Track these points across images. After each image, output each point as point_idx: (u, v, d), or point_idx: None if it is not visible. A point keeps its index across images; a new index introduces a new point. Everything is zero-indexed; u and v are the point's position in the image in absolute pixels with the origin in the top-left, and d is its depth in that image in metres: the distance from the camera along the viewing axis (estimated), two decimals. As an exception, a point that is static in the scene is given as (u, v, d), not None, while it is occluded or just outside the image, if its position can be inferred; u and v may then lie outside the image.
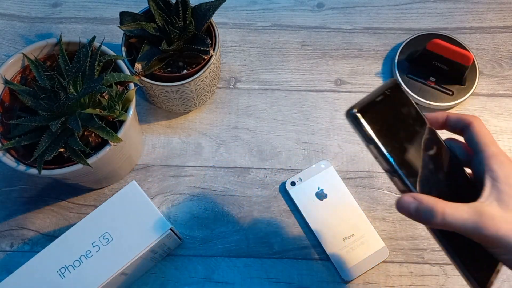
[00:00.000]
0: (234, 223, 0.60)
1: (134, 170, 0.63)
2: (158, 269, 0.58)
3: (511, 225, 0.35)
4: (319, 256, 0.59)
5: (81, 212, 0.61)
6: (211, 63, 0.58)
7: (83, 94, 0.48)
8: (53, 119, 0.49)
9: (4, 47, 0.70)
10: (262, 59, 0.70)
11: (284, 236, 0.60)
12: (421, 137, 0.39)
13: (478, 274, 0.39)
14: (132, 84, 0.54)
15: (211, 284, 0.58)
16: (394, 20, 0.72)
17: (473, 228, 0.35)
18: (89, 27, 0.71)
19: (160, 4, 0.57)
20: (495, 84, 0.68)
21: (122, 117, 0.52)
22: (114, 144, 0.51)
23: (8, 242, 0.59)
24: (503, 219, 0.35)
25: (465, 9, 0.73)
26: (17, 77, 0.55)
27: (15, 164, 0.50)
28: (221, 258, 0.59)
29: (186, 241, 0.59)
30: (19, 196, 0.61)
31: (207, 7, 0.57)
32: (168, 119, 0.66)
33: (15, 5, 0.73)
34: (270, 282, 0.58)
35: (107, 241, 0.49)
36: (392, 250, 0.59)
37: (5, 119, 0.53)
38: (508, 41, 0.70)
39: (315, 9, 0.73)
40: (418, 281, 0.58)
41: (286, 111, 0.66)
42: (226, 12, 0.72)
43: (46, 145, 0.49)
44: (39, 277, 0.48)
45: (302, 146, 0.64)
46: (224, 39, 0.71)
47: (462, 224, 0.35)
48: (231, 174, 0.63)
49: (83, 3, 0.73)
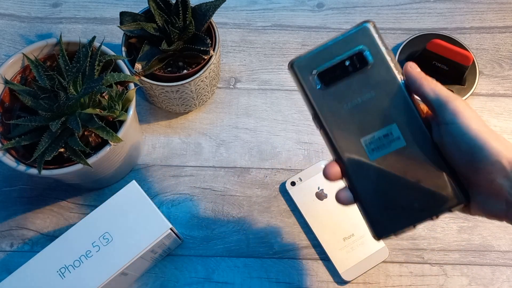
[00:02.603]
0: (234, 223, 0.60)
1: (134, 170, 0.63)
2: (158, 269, 0.58)
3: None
4: (319, 256, 0.59)
5: (81, 212, 0.61)
6: (211, 63, 0.58)
7: (83, 94, 0.48)
8: (53, 119, 0.49)
9: (4, 47, 0.70)
10: (262, 59, 0.70)
11: (284, 236, 0.60)
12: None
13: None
14: (132, 84, 0.54)
15: (211, 284, 0.58)
16: (394, 20, 0.72)
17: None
18: (89, 27, 0.71)
19: (160, 4, 0.57)
20: (495, 84, 0.68)
21: (122, 117, 0.52)
22: (114, 144, 0.51)
23: (8, 242, 0.59)
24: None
25: (465, 9, 0.73)
26: (17, 77, 0.55)
27: (15, 164, 0.50)
28: (221, 258, 0.59)
29: (186, 241, 0.59)
30: (19, 196, 0.61)
31: (207, 7, 0.57)
32: (168, 119, 0.66)
33: (15, 5, 0.73)
34: (270, 282, 0.58)
35: (107, 241, 0.49)
36: (392, 250, 0.59)
37: (5, 119, 0.53)
38: (508, 41, 0.70)
39: (315, 9, 0.73)
40: (418, 281, 0.58)
41: (286, 111, 0.66)
42: (226, 12, 0.72)
43: (46, 145, 0.49)
44: (39, 277, 0.48)
45: (302, 146, 0.64)
46: (224, 39, 0.71)
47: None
48: (231, 174, 0.63)
49: (83, 3, 0.73)
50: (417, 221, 0.38)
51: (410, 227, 0.38)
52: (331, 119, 0.39)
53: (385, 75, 0.39)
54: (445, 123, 0.37)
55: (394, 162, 0.39)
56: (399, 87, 0.39)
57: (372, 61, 0.39)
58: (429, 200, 0.38)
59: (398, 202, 0.39)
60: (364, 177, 0.39)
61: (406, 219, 0.38)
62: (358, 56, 0.39)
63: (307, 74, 0.40)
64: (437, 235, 0.60)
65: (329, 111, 0.39)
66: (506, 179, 0.34)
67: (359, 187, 0.39)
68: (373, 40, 0.39)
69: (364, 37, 0.39)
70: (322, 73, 0.39)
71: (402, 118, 0.39)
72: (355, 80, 0.39)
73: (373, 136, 0.39)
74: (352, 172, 0.39)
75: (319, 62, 0.39)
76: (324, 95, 0.39)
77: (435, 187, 0.38)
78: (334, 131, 0.39)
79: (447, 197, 0.38)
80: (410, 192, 0.38)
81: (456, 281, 0.58)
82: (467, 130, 0.35)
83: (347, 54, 0.39)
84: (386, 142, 0.39)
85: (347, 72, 0.39)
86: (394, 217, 0.39)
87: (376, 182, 0.39)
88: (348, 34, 0.39)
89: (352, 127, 0.39)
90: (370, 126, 0.39)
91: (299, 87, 0.40)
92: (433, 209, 0.38)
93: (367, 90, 0.39)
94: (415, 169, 0.38)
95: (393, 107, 0.39)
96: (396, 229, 0.39)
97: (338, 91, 0.39)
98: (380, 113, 0.39)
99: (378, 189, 0.39)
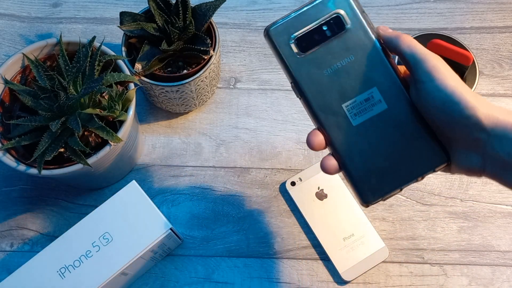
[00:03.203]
0: (234, 223, 0.60)
1: (134, 170, 0.63)
2: (158, 269, 0.58)
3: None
4: (319, 256, 0.59)
5: (81, 212, 0.61)
6: (211, 63, 0.58)
7: (83, 94, 0.48)
8: (53, 119, 0.49)
9: (4, 47, 0.70)
10: (262, 59, 0.70)
11: (284, 236, 0.60)
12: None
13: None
14: (132, 84, 0.54)
15: (211, 284, 0.58)
16: (394, 20, 0.72)
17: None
18: (89, 27, 0.71)
19: (160, 4, 0.57)
20: (495, 84, 0.68)
21: (122, 117, 0.52)
22: (114, 144, 0.51)
23: (8, 242, 0.59)
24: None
25: (465, 9, 0.73)
26: (17, 77, 0.55)
27: (15, 164, 0.50)
28: (221, 258, 0.59)
29: (186, 241, 0.59)
30: (19, 196, 0.61)
31: (207, 7, 0.57)
32: (168, 119, 0.66)
33: (15, 5, 0.73)
34: (270, 282, 0.58)
35: (107, 241, 0.49)
36: (392, 250, 0.59)
37: (5, 119, 0.53)
38: (508, 41, 0.70)
39: (315, 9, 0.73)
40: (418, 281, 0.58)
41: (286, 111, 0.66)
42: (226, 12, 0.72)
43: (46, 145, 0.49)
44: (39, 277, 0.48)
45: (302, 146, 0.64)
46: (224, 39, 0.71)
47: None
48: (231, 174, 0.63)
49: (83, 3, 0.73)
50: (403, 183, 0.39)
51: (396, 190, 0.39)
52: (311, 86, 0.39)
53: (363, 38, 0.39)
54: (421, 81, 0.37)
55: (377, 126, 0.39)
56: (377, 50, 0.39)
57: (349, 24, 0.39)
58: (413, 161, 0.38)
59: (383, 166, 0.39)
60: (348, 143, 0.39)
61: (392, 182, 0.39)
62: (335, 20, 0.39)
63: (284, 40, 0.39)
64: (437, 235, 0.60)
65: (309, 78, 0.39)
66: (482, 132, 0.35)
67: (343, 154, 0.39)
68: (349, 3, 0.39)
69: (340, 1, 0.39)
70: (299, 39, 0.39)
71: (382, 81, 0.39)
72: (333, 45, 0.39)
73: (354, 100, 0.39)
74: (336, 138, 0.39)
75: (296, 28, 0.39)
76: (303, 61, 0.39)
77: (417, 149, 0.38)
78: (314, 98, 0.39)
79: (430, 158, 0.38)
80: (394, 155, 0.39)
81: (456, 281, 0.58)
82: (444, 87, 0.36)
83: (324, 18, 0.39)
84: (367, 106, 0.39)
85: (324, 37, 0.39)
86: (380, 182, 0.39)
87: (360, 147, 0.39)
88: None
89: (332, 93, 0.39)
90: (351, 91, 0.39)
91: (276, 54, 0.39)
92: (418, 170, 0.38)
93: (345, 55, 0.39)
94: (397, 131, 0.39)
95: (373, 70, 0.39)
96: (383, 193, 0.39)
97: (317, 56, 0.39)
98: (360, 77, 0.39)
99: (363, 154, 0.39)
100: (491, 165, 0.36)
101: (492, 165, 0.36)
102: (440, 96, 0.36)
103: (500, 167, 0.35)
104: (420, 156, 0.38)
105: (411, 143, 0.38)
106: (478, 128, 0.35)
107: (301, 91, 0.39)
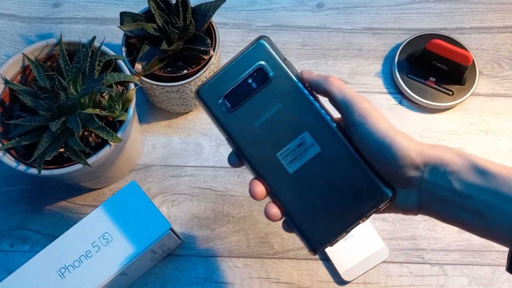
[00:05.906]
0: (234, 223, 0.60)
1: (134, 170, 0.63)
2: (158, 269, 0.58)
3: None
4: (319, 256, 0.59)
5: (81, 212, 0.61)
6: (211, 63, 0.58)
7: (83, 94, 0.48)
8: (53, 119, 0.49)
9: (4, 47, 0.70)
10: (262, 59, 0.69)
11: (284, 236, 0.60)
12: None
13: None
14: (132, 84, 0.54)
15: (211, 284, 0.58)
16: (394, 20, 0.72)
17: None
18: (89, 27, 0.71)
19: (160, 4, 0.57)
20: (495, 84, 0.68)
21: (122, 117, 0.52)
22: (114, 144, 0.51)
23: (8, 242, 0.59)
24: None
25: (465, 9, 0.73)
26: (17, 77, 0.55)
27: (15, 164, 0.50)
28: (221, 258, 0.59)
29: (186, 241, 0.59)
30: (19, 196, 0.61)
31: (207, 7, 0.57)
32: (168, 119, 0.66)
33: (16, 5, 0.73)
34: (270, 282, 0.58)
35: (107, 241, 0.49)
36: (392, 250, 0.59)
37: (5, 119, 0.53)
38: (508, 41, 0.70)
39: (315, 9, 0.73)
40: (418, 281, 0.58)
41: (286, 111, 0.66)
42: (226, 12, 0.72)
43: (46, 145, 0.49)
44: (39, 277, 0.48)
45: (302, 146, 0.64)
46: (224, 39, 0.71)
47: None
48: (231, 174, 0.63)
49: (83, 3, 0.73)
50: (347, 226, 0.38)
51: (342, 233, 0.38)
52: (245, 139, 0.39)
53: (287, 85, 0.39)
54: (354, 125, 0.37)
55: (313, 170, 0.38)
56: (303, 94, 0.39)
57: (273, 74, 0.39)
58: (355, 202, 0.38)
59: (325, 211, 0.38)
60: (287, 192, 0.39)
61: (336, 227, 0.38)
62: (258, 72, 0.39)
63: (214, 99, 0.40)
64: (437, 235, 0.60)
65: (241, 132, 0.39)
66: (416, 170, 0.36)
67: (284, 203, 0.39)
68: (270, 54, 0.39)
69: (261, 53, 0.39)
70: (227, 96, 0.40)
71: (312, 124, 0.39)
72: (260, 96, 0.39)
73: (287, 148, 0.39)
74: (275, 188, 0.39)
75: (223, 86, 0.40)
76: (234, 117, 0.40)
77: (357, 188, 0.38)
78: (249, 151, 0.39)
79: (372, 196, 0.38)
80: (334, 198, 0.38)
81: (456, 281, 0.58)
82: (375, 131, 0.36)
83: (248, 72, 0.39)
84: (301, 152, 0.39)
85: (251, 90, 0.39)
86: (324, 228, 0.38)
87: (300, 194, 0.39)
88: (245, 53, 0.40)
89: (266, 143, 0.39)
90: (283, 139, 0.39)
91: (209, 113, 0.40)
92: (361, 211, 0.38)
93: (273, 104, 0.39)
94: (334, 173, 0.38)
95: (301, 114, 0.39)
96: (330, 238, 0.38)
97: (246, 110, 0.39)
98: (290, 124, 0.39)
99: (303, 201, 0.38)
100: (429, 202, 0.37)
101: (429, 201, 0.37)
102: (373, 140, 0.36)
103: (436, 203, 0.36)
104: (361, 196, 0.38)
105: (350, 183, 0.38)
106: (412, 167, 0.36)
107: (236, 146, 0.40)
